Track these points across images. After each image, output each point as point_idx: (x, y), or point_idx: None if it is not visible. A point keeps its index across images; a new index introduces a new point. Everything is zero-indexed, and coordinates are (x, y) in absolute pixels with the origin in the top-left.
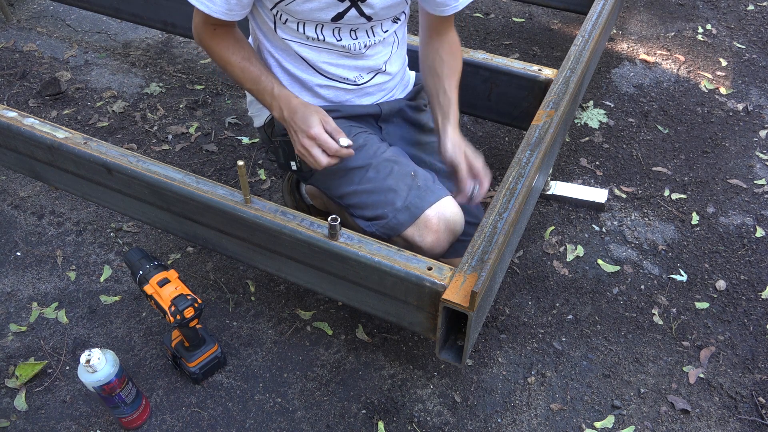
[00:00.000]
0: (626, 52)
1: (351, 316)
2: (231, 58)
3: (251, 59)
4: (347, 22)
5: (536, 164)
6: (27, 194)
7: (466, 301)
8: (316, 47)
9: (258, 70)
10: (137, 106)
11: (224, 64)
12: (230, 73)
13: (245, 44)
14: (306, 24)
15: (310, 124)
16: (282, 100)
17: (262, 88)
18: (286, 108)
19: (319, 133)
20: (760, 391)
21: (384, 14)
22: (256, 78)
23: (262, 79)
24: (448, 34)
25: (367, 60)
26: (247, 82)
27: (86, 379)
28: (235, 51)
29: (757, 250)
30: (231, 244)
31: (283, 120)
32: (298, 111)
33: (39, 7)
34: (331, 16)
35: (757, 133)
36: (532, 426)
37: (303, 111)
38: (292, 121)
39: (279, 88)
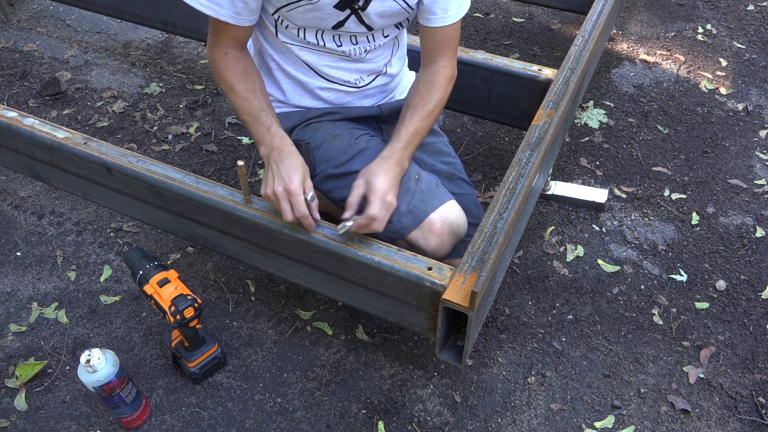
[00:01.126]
0: (626, 52)
1: (351, 316)
2: (236, 86)
3: (256, 92)
4: (347, 30)
5: (536, 164)
6: (27, 194)
7: (466, 301)
8: (316, 51)
9: (260, 104)
10: (137, 106)
11: (227, 90)
12: (231, 100)
13: (254, 75)
14: (306, 30)
15: (292, 178)
16: (276, 140)
17: (259, 122)
18: (277, 149)
19: (297, 192)
20: (760, 391)
21: (383, 23)
22: (256, 112)
23: (261, 114)
24: (437, 63)
25: (368, 63)
26: (245, 113)
27: (86, 379)
28: (242, 80)
29: (757, 250)
30: (231, 244)
31: (267, 158)
32: (286, 159)
33: (39, 7)
34: (331, 24)
35: (757, 133)
36: (532, 426)
37: (292, 162)
38: (276, 165)
39: (277, 128)
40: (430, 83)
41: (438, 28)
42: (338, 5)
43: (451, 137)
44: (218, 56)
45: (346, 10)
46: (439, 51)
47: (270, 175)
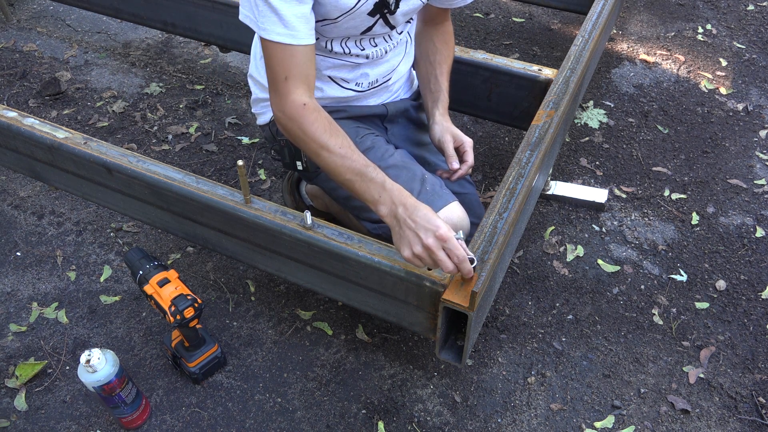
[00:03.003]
0: (626, 52)
1: (351, 316)
2: (330, 143)
3: (351, 146)
4: (373, 33)
5: (536, 164)
6: (27, 194)
7: (466, 301)
8: (339, 61)
9: (362, 159)
10: (137, 106)
11: (318, 149)
12: (325, 160)
13: (339, 128)
14: (333, 40)
15: (437, 224)
16: (396, 195)
17: (369, 179)
18: (402, 204)
19: (450, 236)
20: (760, 391)
21: (403, 20)
22: (361, 168)
23: (369, 170)
24: (444, 23)
25: (386, 64)
26: (348, 172)
27: (86, 379)
28: (333, 134)
29: (757, 250)
30: (231, 244)
31: (393, 218)
32: (419, 209)
33: (39, 7)
34: (360, 30)
35: (757, 133)
36: (532, 426)
37: (425, 210)
38: (410, 219)
39: (391, 182)
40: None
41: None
42: (371, 12)
43: None
44: (296, 110)
45: (377, 15)
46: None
47: (407, 232)
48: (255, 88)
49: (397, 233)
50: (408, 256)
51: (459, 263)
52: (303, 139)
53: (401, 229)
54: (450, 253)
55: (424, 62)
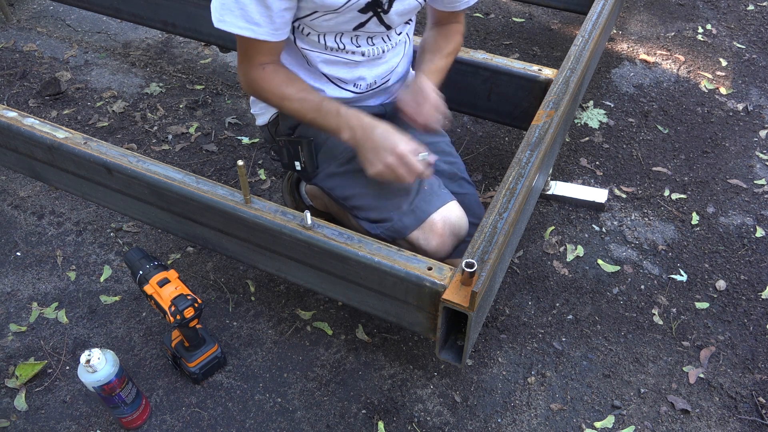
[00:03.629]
0: (626, 52)
1: (351, 316)
2: (287, 91)
3: (308, 89)
4: (367, 30)
5: (536, 164)
6: (27, 194)
7: (466, 301)
8: (333, 57)
9: (318, 97)
10: (137, 106)
11: (280, 100)
12: (288, 108)
13: (298, 78)
14: (327, 35)
15: (395, 141)
16: (352, 119)
17: (325, 112)
18: (359, 126)
19: (407, 152)
20: (760, 391)
21: (400, 21)
22: (317, 105)
23: (323, 104)
24: (451, 24)
25: (384, 64)
26: (308, 112)
27: (86, 379)
28: (289, 84)
29: (757, 250)
30: (231, 244)
31: (353, 140)
32: (376, 128)
33: (39, 7)
34: (352, 26)
35: (757, 133)
36: (532, 426)
37: (382, 128)
38: (369, 140)
39: (345, 108)
40: (445, 38)
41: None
42: (362, 9)
43: (451, 137)
44: (256, 75)
45: (369, 12)
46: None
47: (369, 153)
48: None
49: (361, 154)
50: (372, 174)
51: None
52: (266, 96)
53: (363, 149)
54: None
55: (419, 53)
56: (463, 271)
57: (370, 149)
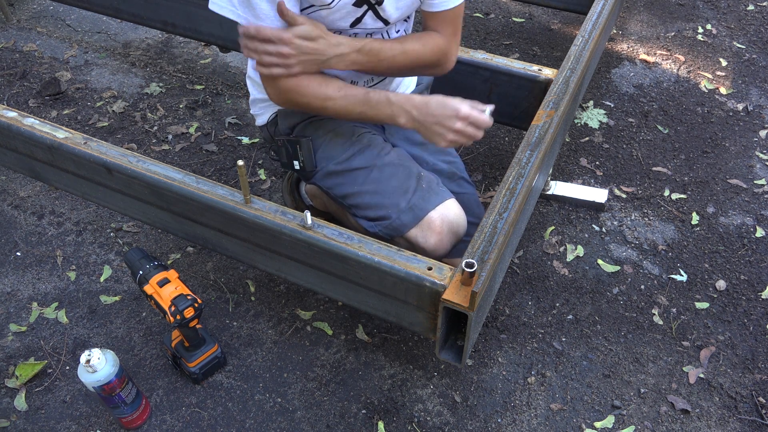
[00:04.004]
0: (626, 52)
1: (351, 316)
2: (328, 91)
3: (347, 85)
4: (364, 27)
5: (536, 164)
6: (27, 194)
7: (466, 301)
8: None
9: (361, 90)
10: (137, 106)
11: (323, 102)
12: (332, 108)
13: (330, 76)
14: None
15: (454, 108)
16: (404, 103)
17: (375, 103)
18: (413, 108)
19: (470, 112)
20: (760, 391)
21: (398, 16)
22: (364, 98)
23: (370, 95)
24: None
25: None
26: (356, 106)
27: (86, 379)
28: (328, 84)
29: (757, 250)
30: (231, 244)
31: (414, 121)
32: (430, 103)
33: (39, 7)
34: (349, 23)
35: (757, 133)
36: (532, 426)
37: (435, 100)
38: (430, 114)
39: (393, 94)
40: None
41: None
42: (356, 2)
43: None
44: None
45: (363, 6)
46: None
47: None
48: (253, 89)
49: (424, 132)
50: (448, 144)
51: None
52: (306, 101)
53: (427, 127)
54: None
55: None
56: (463, 271)
57: (434, 123)
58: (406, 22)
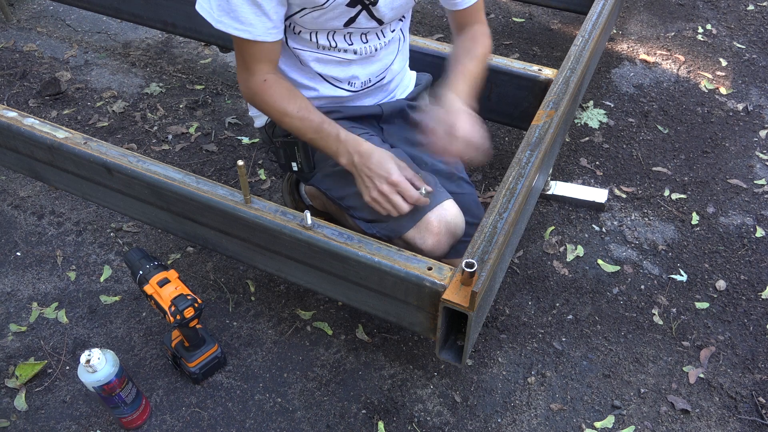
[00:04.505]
0: (626, 52)
1: (351, 316)
2: (288, 108)
3: (309, 108)
4: (358, 26)
5: (536, 164)
6: (27, 194)
7: (466, 301)
8: (326, 56)
9: (318, 117)
10: (137, 106)
11: (281, 116)
12: (288, 125)
13: (298, 93)
14: (318, 32)
15: (389, 170)
16: (350, 145)
17: (325, 135)
18: (356, 153)
19: (401, 180)
20: (760, 391)
21: (393, 15)
22: (317, 126)
23: (324, 126)
24: (472, 26)
25: (377, 62)
26: (308, 132)
27: (86, 379)
28: (291, 101)
29: (757, 250)
30: (231, 244)
31: (352, 166)
32: (373, 155)
33: (39, 7)
34: (342, 22)
35: (757, 133)
36: (532, 426)
37: (378, 155)
38: (365, 167)
39: (345, 132)
40: (472, 41)
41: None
42: (350, 3)
43: None
44: (258, 86)
45: (357, 6)
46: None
47: (365, 179)
48: None
49: (357, 179)
50: (368, 201)
51: (415, 202)
52: (266, 109)
53: (360, 176)
54: (404, 194)
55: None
56: (463, 271)
57: (366, 176)
58: (401, 21)
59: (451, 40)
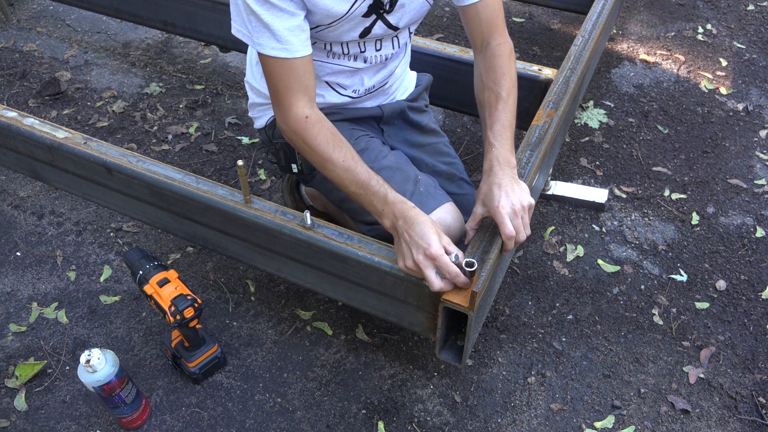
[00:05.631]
0: (626, 52)
1: (351, 316)
2: (334, 155)
3: (355, 158)
4: (374, 35)
5: (536, 164)
6: (27, 194)
7: (466, 301)
8: (336, 65)
9: (366, 171)
10: (137, 106)
11: (323, 162)
12: (330, 172)
13: (342, 137)
14: (333, 43)
15: (429, 241)
16: (397, 208)
17: (372, 193)
18: (402, 218)
19: (440, 255)
20: (760, 391)
21: (408, 21)
22: (365, 181)
23: (372, 183)
24: (491, 44)
25: (385, 69)
26: (351, 185)
27: (86, 379)
28: (337, 147)
29: (757, 250)
30: (231, 244)
31: (393, 229)
32: (416, 224)
33: (39, 7)
34: (358, 32)
35: (757, 133)
36: (532, 426)
37: (422, 225)
38: (407, 233)
39: (393, 193)
40: (493, 72)
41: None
42: (366, 14)
43: (451, 137)
44: (299, 124)
45: (372, 15)
46: (488, 29)
47: (403, 246)
48: (251, 93)
49: (396, 244)
50: (402, 267)
51: (452, 278)
52: (308, 151)
53: (399, 241)
54: (442, 269)
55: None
56: (464, 271)
57: (405, 243)
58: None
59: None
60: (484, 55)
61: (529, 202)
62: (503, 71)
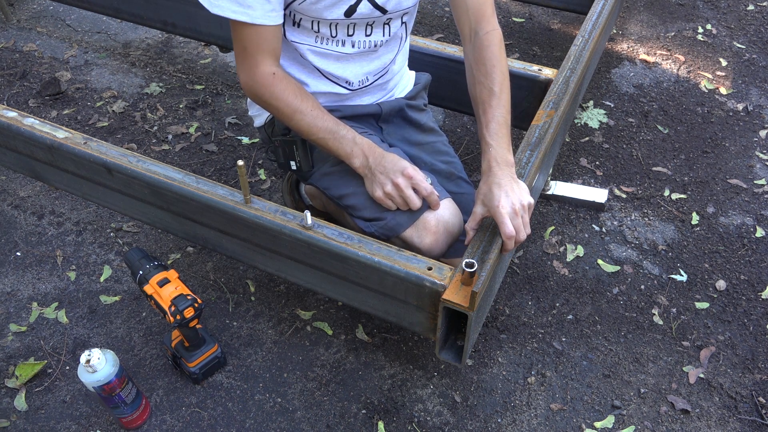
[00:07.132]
0: (626, 52)
1: (351, 316)
2: (301, 105)
3: (321, 107)
4: (361, 16)
5: (536, 164)
6: (27, 194)
7: (466, 301)
8: (324, 49)
9: (333, 119)
10: (137, 106)
11: (292, 112)
12: (299, 122)
13: (307, 92)
14: (320, 22)
15: (404, 165)
16: (365, 147)
17: (340, 136)
18: (371, 154)
19: (416, 173)
20: (760, 391)
21: (396, 5)
22: (332, 127)
23: (339, 127)
24: (479, 33)
25: (376, 60)
26: (320, 131)
27: (86, 379)
28: (303, 98)
29: (757, 250)
30: (231, 244)
31: (366, 167)
32: (386, 155)
33: (39, 7)
34: (343, 10)
35: (757, 133)
36: (532, 426)
37: (392, 157)
38: (380, 165)
39: (360, 136)
40: (482, 64)
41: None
42: None
43: (451, 137)
44: (266, 79)
45: None
46: (476, 16)
47: (378, 176)
48: None
49: (369, 179)
50: (379, 196)
51: (427, 196)
52: (275, 105)
53: (373, 175)
54: (417, 188)
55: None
56: (463, 271)
57: (380, 173)
58: (406, 15)
59: (451, 40)
60: (473, 46)
61: (529, 201)
62: (493, 63)
